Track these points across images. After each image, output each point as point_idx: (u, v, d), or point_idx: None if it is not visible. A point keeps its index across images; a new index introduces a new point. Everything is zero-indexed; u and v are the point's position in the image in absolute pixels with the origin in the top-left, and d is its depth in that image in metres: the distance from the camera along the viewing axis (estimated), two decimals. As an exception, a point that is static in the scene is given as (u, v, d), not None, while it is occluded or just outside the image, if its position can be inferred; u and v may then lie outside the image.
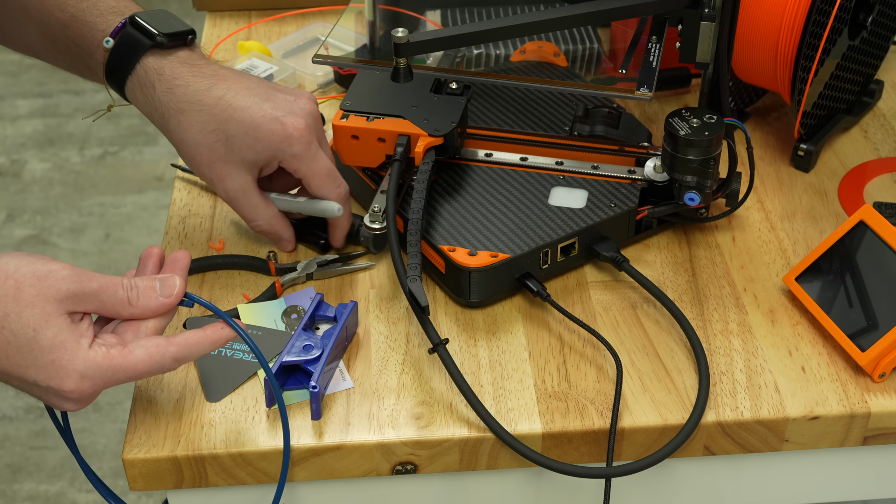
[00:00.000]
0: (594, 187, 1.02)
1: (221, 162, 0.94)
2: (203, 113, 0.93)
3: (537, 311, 0.97)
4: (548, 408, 0.88)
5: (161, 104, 0.94)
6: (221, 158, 0.94)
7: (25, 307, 0.76)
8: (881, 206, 1.07)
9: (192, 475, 0.86)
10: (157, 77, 0.95)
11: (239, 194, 0.96)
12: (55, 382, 0.77)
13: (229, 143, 0.93)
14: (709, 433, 0.88)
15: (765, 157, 1.15)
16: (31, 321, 0.76)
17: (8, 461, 2.10)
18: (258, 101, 0.93)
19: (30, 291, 0.76)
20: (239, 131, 0.93)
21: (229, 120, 0.93)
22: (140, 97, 0.96)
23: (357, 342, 0.94)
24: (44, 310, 0.76)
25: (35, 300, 0.76)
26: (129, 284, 0.81)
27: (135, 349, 0.79)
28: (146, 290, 0.81)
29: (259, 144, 0.93)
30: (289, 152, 0.94)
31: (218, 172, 0.95)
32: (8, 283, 0.76)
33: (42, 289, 0.77)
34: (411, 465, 0.88)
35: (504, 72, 1.18)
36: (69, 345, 0.77)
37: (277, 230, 0.99)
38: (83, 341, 0.78)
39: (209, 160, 0.94)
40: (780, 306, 0.97)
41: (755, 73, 1.12)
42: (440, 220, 0.98)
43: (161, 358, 0.79)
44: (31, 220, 2.63)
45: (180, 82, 0.94)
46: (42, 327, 0.76)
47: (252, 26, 1.36)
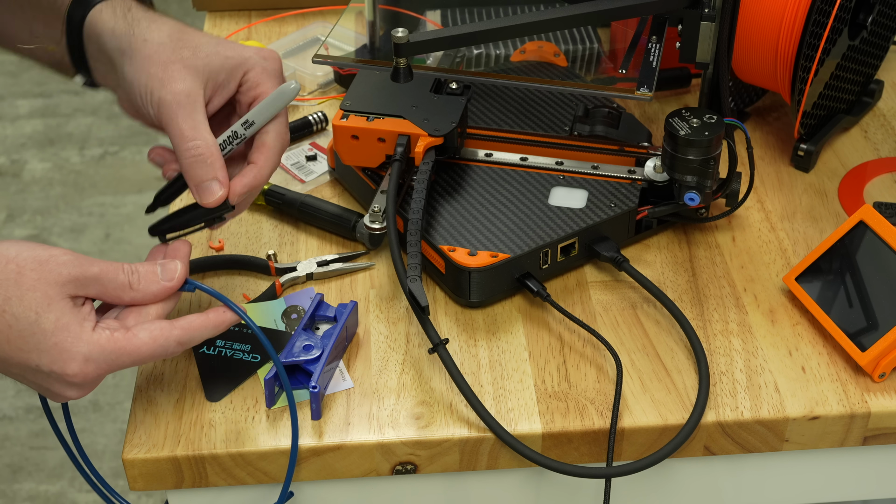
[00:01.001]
0: (594, 187, 1.02)
1: (181, 64, 0.84)
2: (175, 25, 0.88)
3: (537, 311, 0.97)
4: (548, 408, 0.88)
5: (133, 19, 0.87)
6: (183, 61, 0.85)
7: (27, 290, 0.76)
8: (881, 206, 1.07)
9: (192, 475, 0.86)
10: (137, 6, 0.89)
11: (188, 100, 0.83)
12: (58, 366, 0.77)
13: (196, 49, 0.86)
14: (709, 433, 0.88)
15: (765, 157, 1.15)
16: (33, 304, 0.76)
17: (8, 461, 2.10)
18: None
19: (31, 275, 0.76)
20: (209, 41, 0.87)
21: (200, 37, 0.87)
22: (107, 16, 0.87)
23: (357, 342, 0.94)
24: (46, 293, 0.76)
25: (37, 284, 0.76)
26: (130, 269, 0.80)
27: (139, 332, 0.79)
28: (147, 275, 0.81)
29: (230, 51, 0.86)
30: (262, 64, 0.87)
31: (171, 73, 0.84)
32: (9, 268, 0.76)
33: (43, 273, 0.76)
34: (411, 465, 0.88)
35: (504, 72, 1.18)
36: (72, 327, 0.77)
37: (214, 161, 0.83)
38: (86, 324, 0.78)
39: (168, 60, 0.84)
40: (780, 306, 0.97)
41: (755, 73, 1.12)
42: (440, 220, 0.98)
43: (165, 341, 0.79)
44: (31, 220, 2.63)
45: (161, 16, 0.89)
46: (44, 310, 0.76)
47: (252, 26, 1.36)
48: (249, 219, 1.08)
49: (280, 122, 0.87)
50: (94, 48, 0.89)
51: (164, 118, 0.84)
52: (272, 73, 0.88)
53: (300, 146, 1.16)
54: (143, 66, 0.84)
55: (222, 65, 0.86)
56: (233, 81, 0.87)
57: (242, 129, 0.86)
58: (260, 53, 0.88)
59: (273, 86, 0.87)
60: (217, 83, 0.86)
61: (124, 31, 0.86)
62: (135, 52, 0.85)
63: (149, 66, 0.84)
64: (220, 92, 0.87)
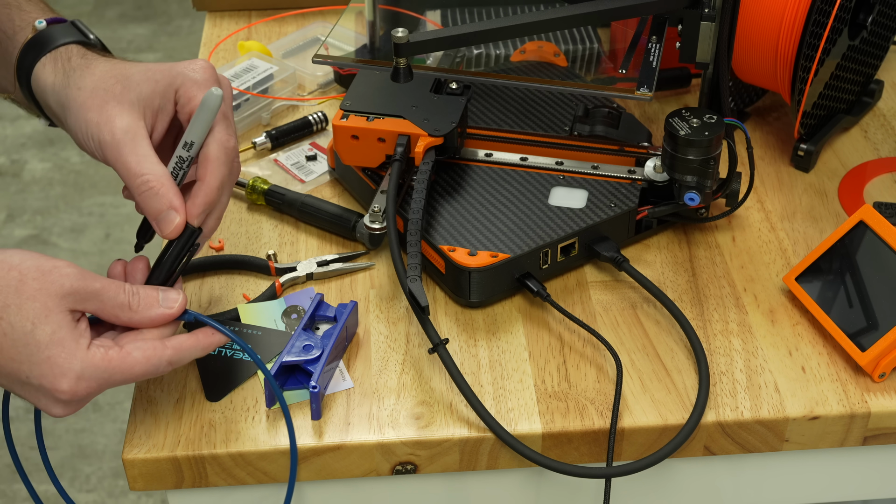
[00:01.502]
0: (594, 187, 1.02)
1: (115, 101, 0.84)
2: (108, 65, 0.87)
3: (537, 311, 0.97)
4: (548, 408, 0.88)
5: (70, 69, 0.87)
6: (115, 98, 0.84)
7: (27, 300, 0.76)
8: (881, 206, 1.07)
9: (192, 475, 0.86)
10: (78, 54, 0.89)
11: (128, 136, 0.82)
12: (48, 381, 0.76)
13: (127, 81, 0.85)
14: (709, 433, 0.88)
15: (765, 157, 1.15)
16: (31, 314, 0.76)
17: (8, 461, 2.10)
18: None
19: (33, 284, 0.76)
20: (139, 70, 0.86)
21: (132, 67, 0.87)
22: (49, 70, 0.87)
23: (357, 342, 0.94)
24: (45, 304, 0.76)
25: (37, 294, 0.76)
26: (131, 290, 0.80)
27: (132, 351, 0.79)
28: (147, 299, 0.80)
29: (158, 75, 0.85)
30: (191, 76, 0.85)
31: (108, 113, 0.83)
32: (11, 275, 0.76)
33: (45, 283, 0.76)
34: (411, 465, 0.88)
35: (504, 72, 1.18)
36: (67, 343, 0.76)
37: (167, 191, 0.82)
38: (82, 341, 0.77)
39: (102, 102, 0.84)
40: (780, 306, 0.97)
41: (755, 73, 1.12)
42: (440, 220, 0.98)
43: (157, 361, 0.80)
44: (31, 220, 2.63)
45: (98, 59, 0.89)
46: (41, 322, 0.76)
47: (252, 26, 1.36)
48: (249, 219, 1.08)
49: (218, 130, 0.84)
50: (42, 101, 0.90)
51: (110, 159, 0.83)
52: (203, 83, 0.85)
53: (300, 146, 1.16)
54: (79, 114, 0.84)
55: (153, 90, 0.85)
56: (168, 103, 0.85)
57: (185, 152, 0.83)
58: (188, 66, 0.86)
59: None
60: (154, 109, 0.85)
61: (62, 84, 0.86)
62: (70, 102, 0.85)
63: (85, 113, 0.84)
64: (160, 117, 0.85)
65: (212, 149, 0.84)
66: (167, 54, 3.17)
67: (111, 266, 0.85)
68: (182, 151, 0.84)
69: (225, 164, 0.84)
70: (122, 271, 0.85)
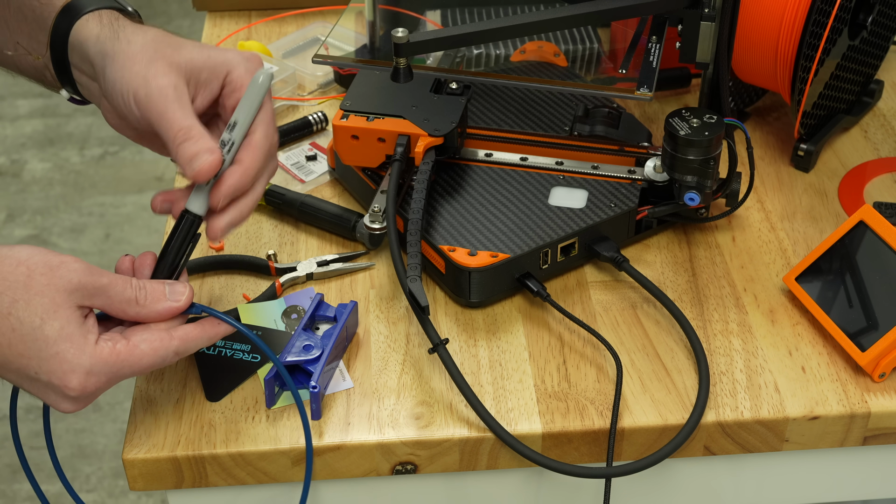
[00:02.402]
0: (594, 187, 1.02)
1: (164, 61, 0.83)
2: (161, 31, 0.87)
3: (537, 311, 0.97)
4: (548, 408, 0.88)
5: (120, 26, 0.86)
6: (165, 58, 0.83)
7: (35, 295, 0.76)
8: (881, 206, 1.07)
9: (192, 475, 0.86)
10: (125, 17, 0.88)
11: (172, 92, 0.81)
12: (58, 377, 0.77)
13: (180, 46, 0.85)
14: (709, 433, 0.88)
15: (765, 157, 1.15)
16: (39, 309, 0.76)
17: (8, 461, 2.10)
18: None
19: (41, 280, 0.76)
20: (192, 43, 0.86)
21: (185, 39, 0.87)
22: (94, 24, 0.86)
23: (357, 342, 0.94)
24: (53, 299, 0.76)
25: (45, 289, 0.76)
26: (138, 284, 0.80)
27: (139, 343, 0.79)
28: (154, 293, 0.81)
29: (212, 51, 0.85)
30: (245, 64, 0.85)
31: (156, 69, 0.82)
32: (19, 270, 0.76)
33: (53, 278, 0.76)
34: (411, 465, 0.88)
35: (504, 72, 1.18)
36: (76, 338, 0.77)
37: (207, 139, 0.81)
38: (90, 336, 0.77)
39: (151, 58, 0.83)
40: (780, 306, 0.97)
41: (755, 73, 1.12)
42: (440, 220, 0.98)
43: (164, 352, 0.80)
44: (31, 220, 2.63)
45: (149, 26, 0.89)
46: (49, 317, 0.76)
47: (252, 26, 1.36)
48: (249, 219, 1.07)
49: (265, 119, 0.83)
50: (77, 58, 0.88)
51: (153, 112, 0.81)
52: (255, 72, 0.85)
53: (300, 146, 1.16)
54: (126, 65, 0.83)
55: (204, 63, 0.84)
56: (215, 81, 0.84)
57: (229, 135, 0.82)
58: (242, 55, 0.86)
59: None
60: (199, 81, 0.84)
61: (109, 35, 0.85)
62: (118, 53, 0.84)
63: (132, 65, 0.83)
64: (202, 91, 0.85)
65: (257, 136, 0.83)
66: (167, 54, 3.17)
67: (119, 261, 0.85)
68: (226, 134, 0.82)
69: (266, 154, 0.83)
70: (130, 267, 0.85)
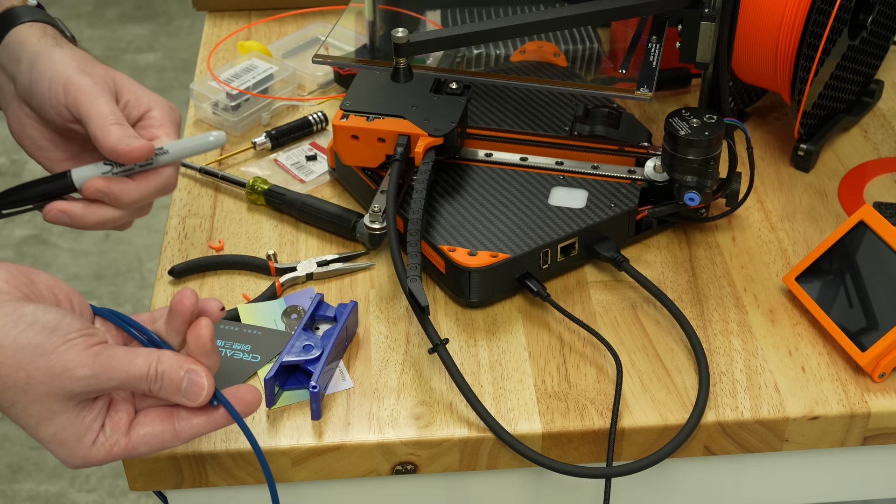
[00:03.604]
0: (594, 187, 1.02)
1: (99, 68, 0.89)
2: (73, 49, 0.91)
3: (537, 311, 0.97)
4: (548, 408, 0.88)
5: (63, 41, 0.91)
6: (100, 67, 0.89)
7: (31, 402, 0.73)
8: (881, 206, 1.07)
9: (192, 475, 0.86)
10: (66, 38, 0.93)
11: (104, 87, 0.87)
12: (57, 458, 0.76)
13: (114, 69, 0.90)
14: (709, 433, 0.88)
15: (765, 157, 1.15)
16: (35, 416, 0.73)
17: (8, 461, 2.10)
18: None
19: (39, 388, 0.72)
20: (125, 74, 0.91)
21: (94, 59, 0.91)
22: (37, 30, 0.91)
23: (357, 342, 0.94)
24: (50, 408, 0.73)
25: (42, 398, 0.73)
26: (153, 376, 0.74)
27: (138, 445, 0.75)
28: (170, 386, 0.74)
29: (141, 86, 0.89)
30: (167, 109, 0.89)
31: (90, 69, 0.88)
32: (19, 376, 0.72)
33: (53, 387, 0.72)
34: (411, 465, 0.88)
35: (504, 72, 1.18)
36: (70, 444, 0.74)
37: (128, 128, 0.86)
38: (87, 437, 0.74)
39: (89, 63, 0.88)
40: (780, 306, 0.97)
41: (755, 73, 1.12)
42: (440, 220, 0.98)
43: (162, 448, 0.76)
44: (31, 220, 2.63)
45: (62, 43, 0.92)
46: (44, 424, 0.73)
47: (252, 26, 1.36)
48: (249, 219, 1.08)
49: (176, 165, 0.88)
50: (4, 57, 0.91)
51: (84, 99, 0.85)
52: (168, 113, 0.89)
53: (300, 146, 1.16)
54: (63, 59, 0.87)
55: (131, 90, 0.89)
56: (135, 110, 0.88)
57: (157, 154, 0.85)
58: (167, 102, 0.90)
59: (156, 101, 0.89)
60: (120, 101, 0.88)
61: (51, 44, 0.90)
62: (54, 52, 0.88)
63: (69, 60, 0.87)
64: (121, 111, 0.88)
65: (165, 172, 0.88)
66: (167, 54, 3.17)
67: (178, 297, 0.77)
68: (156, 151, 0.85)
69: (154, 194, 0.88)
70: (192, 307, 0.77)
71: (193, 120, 1.20)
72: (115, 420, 0.75)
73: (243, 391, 0.76)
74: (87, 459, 0.75)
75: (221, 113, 1.18)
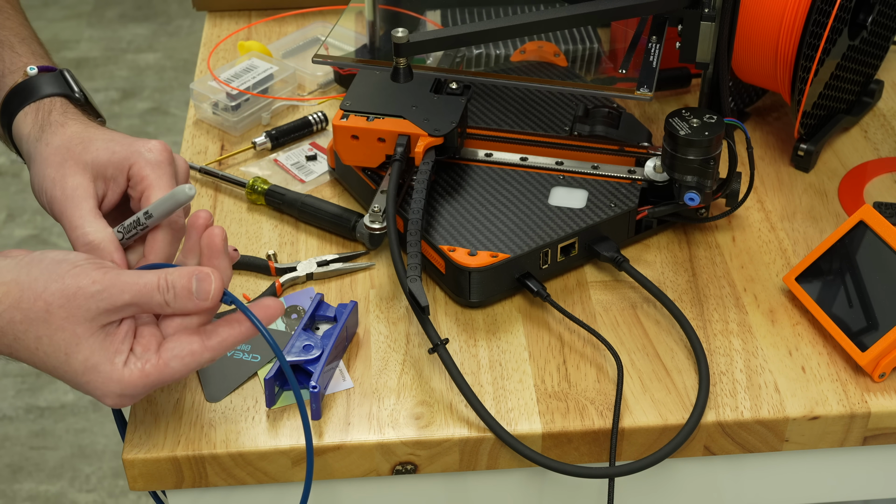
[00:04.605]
0: (594, 187, 1.02)
1: (73, 161, 0.88)
2: (80, 126, 0.91)
3: (537, 311, 0.97)
4: (548, 408, 0.88)
5: (47, 123, 0.91)
6: (74, 158, 0.88)
7: (56, 331, 0.75)
8: (881, 206, 1.07)
9: (192, 475, 0.86)
10: (60, 109, 0.93)
11: (76, 193, 0.86)
12: (94, 396, 0.78)
13: (88, 144, 0.89)
14: (709, 433, 0.88)
15: (765, 157, 1.15)
16: (62, 345, 0.75)
17: (8, 461, 2.10)
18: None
19: (59, 314, 0.75)
20: (103, 138, 0.90)
21: (98, 132, 0.91)
22: (30, 120, 0.93)
23: (357, 342, 0.94)
24: (74, 332, 0.75)
25: (65, 323, 0.75)
26: (165, 286, 0.77)
27: (170, 361, 0.78)
28: (182, 292, 0.78)
29: (117, 146, 0.88)
30: (145, 156, 0.88)
31: (63, 171, 0.88)
32: (37, 305, 0.75)
33: (71, 310, 0.75)
34: (411, 465, 0.88)
35: (504, 72, 1.18)
36: (102, 367, 0.76)
37: (106, 245, 0.85)
38: (118, 359, 0.77)
39: (62, 159, 0.88)
40: (780, 306, 0.97)
41: (755, 73, 1.12)
42: (440, 220, 0.98)
43: (197, 364, 0.79)
44: (31, 220, 2.63)
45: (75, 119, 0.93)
46: (73, 351, 0.75)
47: (252, 26, 1.36)
48: (249, 219, 1.08)
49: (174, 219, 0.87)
50: (18, 147, 0.94)
51: (57, 213, 0.87)
52: (156, 164, 0.88)
53: (300, 146, 1.16)
54: (40, 168, 0.88)
55: (109, 159, 0.88)
56: (121, 176, 0.88)
57: (144, 219, 0.85)
58: (145, 146, 0.88)
59: (158, 176, 0.87)
60: (107, 178, 0.88)
61: (35, 137, 0.91)
62: (37, 156, 0.90)
63: (45, 168, 0.88)
64: (112, 187, 0.88)
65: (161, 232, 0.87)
66: (167, 54, 3.17)
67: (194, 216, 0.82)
68: (142, 216, 0.85)
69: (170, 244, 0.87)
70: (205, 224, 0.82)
71: (193, 120, 1.20)
72: (143, 342, 0.78)
73: (267, 301, 0.80)
74: (123, 382, 0.77)
75: (221, 113, 1.18)
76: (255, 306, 0.79)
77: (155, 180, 0.87)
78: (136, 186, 0.87)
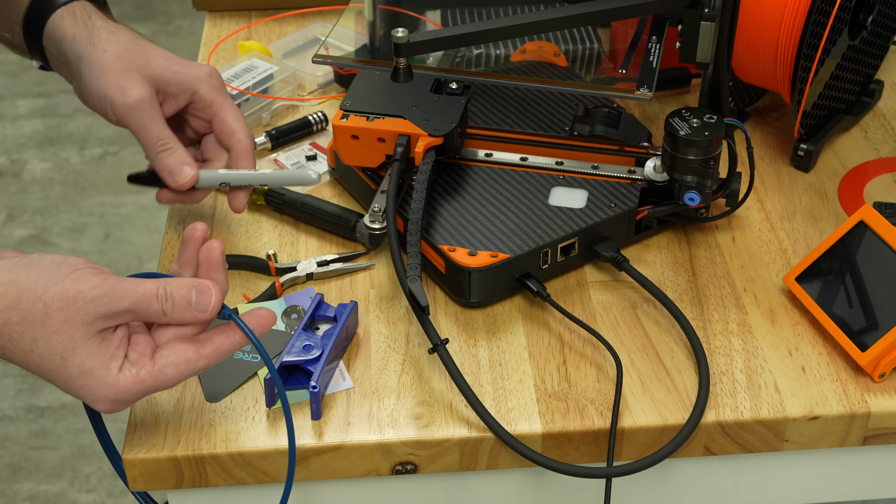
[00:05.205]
0: (594, 187, 1.02)
1: (138, 72, 0.93)
2: (132, 37, 0.95)
3: (537, 311, 0.97)
4: (548, 408, 0.88)
5: (94, 27, 0.95)
6: (139, 69, 0.93)
7: (53, 333, 0.75)
8: (881, 206, 1.07)
9: (192, 475, 0.86)
10: (97, 14, 0.96)
11: (150, 104, 0.93)
12: (87, 401, 0.78)
13: (150, 59, 0.94)
14: (709, 433, 0.88)
15: (765, 157, 1.15)
16: (59, 348, 0.75)
17: (8, 461, 2.10)
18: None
19: (58, 316, 0.75)
20: (161, 54, 0.95)
21: (153, 49, 0.95)
22: (68, 22, 0.95)
23: (357, 342, 0.94)
24: (71, 336, 0.75)
25: (63, 326, 0.75)
26: (163, 295, 0.77)
27: (165, 368, 0.78)
28: (181, 303, 0.78)
29: (178, 66, 0.95)
30: (209, 82, 0.96)
31: (131, 80, 0.93)
32: (36, 307, 0.75)
33: (70, 313, 0.75)
34: (411, 465, 0.88)
35: (504, 72, 1.18)
36: (97, 372, 0.76)
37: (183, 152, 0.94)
38: (113, 364, 0.77)
39: (126, 69, 0.93)
40: (780, 306, 0.97)
41: (755, 73, 1.12)
42: (440, 220, 0.98)
43: (191, 372, 0.79)
44: (31, 220, 2.63)
45: (120, 27, 0.97)
46: (69, 354, 0.75)
47: (252, 26, 1.36)
48: (249, 219, 1.08)
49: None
50: (53, 48, 0.97)
51: (132, 122, 0.93)
52: (220, 89, 0.96)
53: (300, 146, 1.16)
54: (102, 75, 0.93)
55: (172, 78, 0.95)
56: (182, 96, 0.95)
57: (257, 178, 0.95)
58: (205, 70, 0.96)
59: (224, 99, 0.96)
60: (167, 93, 0.95)
61: (84, 38, 0.94)
62: (94, 61, 0.93)
63: (108, 75, 0.93)
64: (169, 102, 0.95)
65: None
66: (167, 54, 3.17)
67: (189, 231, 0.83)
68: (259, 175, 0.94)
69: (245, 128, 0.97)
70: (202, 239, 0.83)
71: (193, 120, 1.20)
72: (138, 349, 0.78)
73: (259, 311, 0.81)
74: (117, 388, 0.77)
75: (221, 113, 1.18)
76: (247, 316, 0.80)
77: (224, 103, 0.95)
78: (206, 109, 0.96)
